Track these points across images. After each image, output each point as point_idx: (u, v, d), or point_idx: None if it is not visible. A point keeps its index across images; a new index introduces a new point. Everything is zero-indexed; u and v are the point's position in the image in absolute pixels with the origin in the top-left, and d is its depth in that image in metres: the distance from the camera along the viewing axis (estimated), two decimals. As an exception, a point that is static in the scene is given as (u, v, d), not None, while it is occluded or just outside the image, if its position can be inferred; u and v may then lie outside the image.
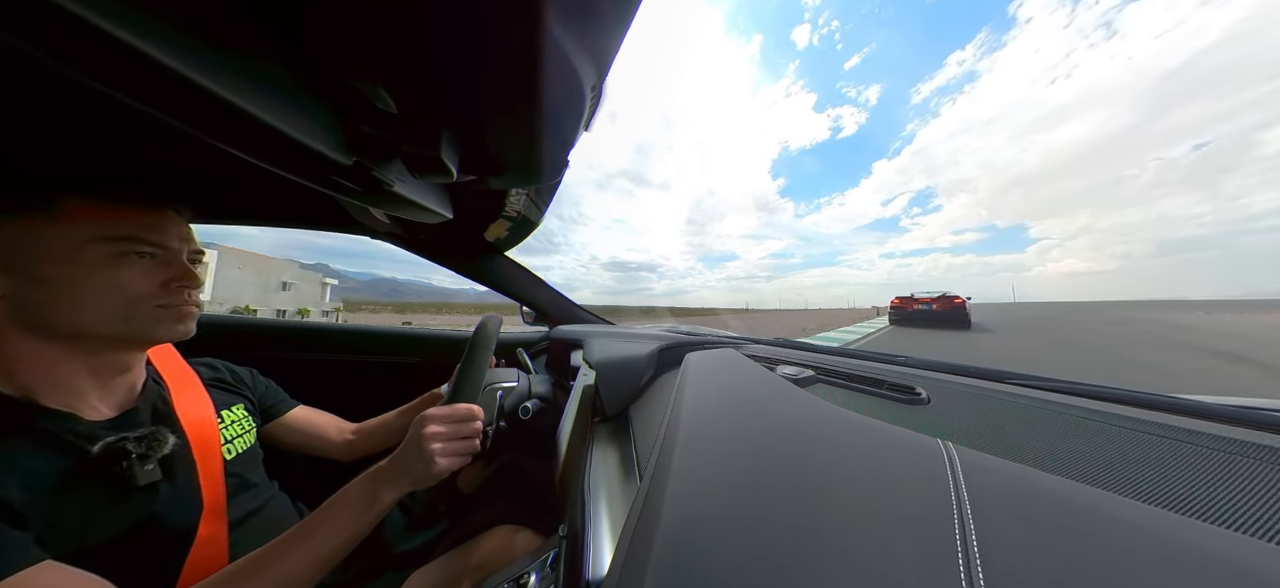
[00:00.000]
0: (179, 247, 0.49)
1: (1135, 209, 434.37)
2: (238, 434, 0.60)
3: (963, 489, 0.22)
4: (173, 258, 0.48)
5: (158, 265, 0.47)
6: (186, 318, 0.50)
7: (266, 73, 0.27)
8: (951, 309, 13.98)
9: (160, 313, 0.47)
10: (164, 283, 0.47)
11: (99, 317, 0.43)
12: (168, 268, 0.48)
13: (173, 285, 0.47)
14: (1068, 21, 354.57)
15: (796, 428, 0.34)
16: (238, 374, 0.67)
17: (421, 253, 1.10)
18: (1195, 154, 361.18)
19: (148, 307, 0.46)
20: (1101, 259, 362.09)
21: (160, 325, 0.47)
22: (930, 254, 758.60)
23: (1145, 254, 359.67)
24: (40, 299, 0.41)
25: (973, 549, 0.18)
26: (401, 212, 0.53)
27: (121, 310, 0.44)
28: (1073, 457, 0.34)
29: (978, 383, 0.56)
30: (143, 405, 0.50)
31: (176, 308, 0.48)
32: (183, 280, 0.48)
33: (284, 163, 0.34)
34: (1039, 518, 0.20)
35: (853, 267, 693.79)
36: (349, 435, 0.77)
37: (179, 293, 0.48)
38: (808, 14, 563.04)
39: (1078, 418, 0.40)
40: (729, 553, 0.21)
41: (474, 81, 0.33)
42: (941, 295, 14.61)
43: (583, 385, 0.71)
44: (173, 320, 0.48)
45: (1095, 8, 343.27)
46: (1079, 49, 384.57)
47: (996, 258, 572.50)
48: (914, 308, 14.73)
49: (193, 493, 0.50)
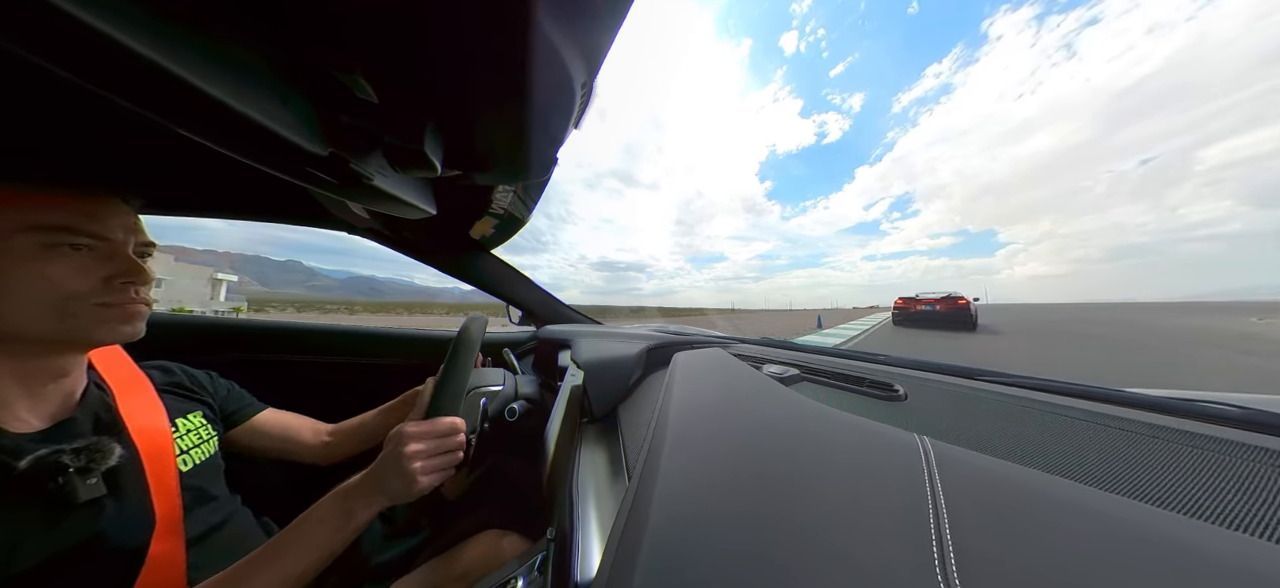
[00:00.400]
0: (123, 238, 0.45)
1: (1090, 217, 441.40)
2: (195, 443, 0.55)
3: (937, 481, 0.23)
4: (116, 250, 0.44)
5: (98, 259, 0.43)
6: (133, 318, 0.45)
7: (233, 55, 0.26)
8: (955, 310, 13.28)
9: (101, 312, 0.43)
10: (105, 278, 0.43)
11: (28, 315, 0.39)
12: (110, 262, 0.43)
13: (116, 281, 0.43)
14: (1033, 41, 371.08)
15: (782, 425, 0.34)
16: (195, 378, 0.63)
17: (403, 250, 1.06)
18: (1142, 168, 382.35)
19: (86, 305, 0.42)
20: (1061, 264, 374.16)
21: (102, 326, 0.43)
22: (908, 257, 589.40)
23: (1098, 259, 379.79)
24: None
25: (946, 537, 0.19)
26: (382, 206, 0.51)
27: (55, 308, 0.40)
28: (1037, 448, 0.36)
29: (952, 380, 0.59)
30: (81, 415, 0.46)
31: (120, 306, 0.44)
32: (127, 276, 0.44)
33: (252, 152, 0.33)
34: (1006, 506, 0.21)
35: (836, 268, 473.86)
36: (325, 438, 0.74)
37: (123, 290, 0.44)
38: (795, 21, 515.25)
39: (1042, 413, 0.43)
40: (717, 550, 0.21)
41: (461, 74, 0.32)
42: (946, 296, 13.70)
43: (571, 386, 0.70)
44: (116, 321, 0.44)
45: (1058, 30, 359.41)
46: (1043, 67, 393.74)
47: (969, 261, 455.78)
48: (917, 309, 14.09)
49: (143, 509, 0.45)
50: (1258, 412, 0.38)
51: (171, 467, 0.50)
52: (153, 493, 0.47)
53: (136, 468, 0.47)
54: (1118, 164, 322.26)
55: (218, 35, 0.24)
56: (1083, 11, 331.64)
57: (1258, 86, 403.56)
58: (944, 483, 0.23)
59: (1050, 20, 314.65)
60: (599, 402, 0.68)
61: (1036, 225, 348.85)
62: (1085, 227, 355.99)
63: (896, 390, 0.53)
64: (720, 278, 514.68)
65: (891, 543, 0.19)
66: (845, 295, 75.68)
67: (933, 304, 13.79)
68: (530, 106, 0.36)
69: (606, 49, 0.33)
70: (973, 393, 0.52)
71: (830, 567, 0.18)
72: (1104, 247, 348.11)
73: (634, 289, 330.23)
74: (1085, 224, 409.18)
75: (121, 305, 0.44)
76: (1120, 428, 0.38)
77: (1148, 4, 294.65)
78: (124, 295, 0.44)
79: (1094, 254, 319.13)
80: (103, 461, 0.43)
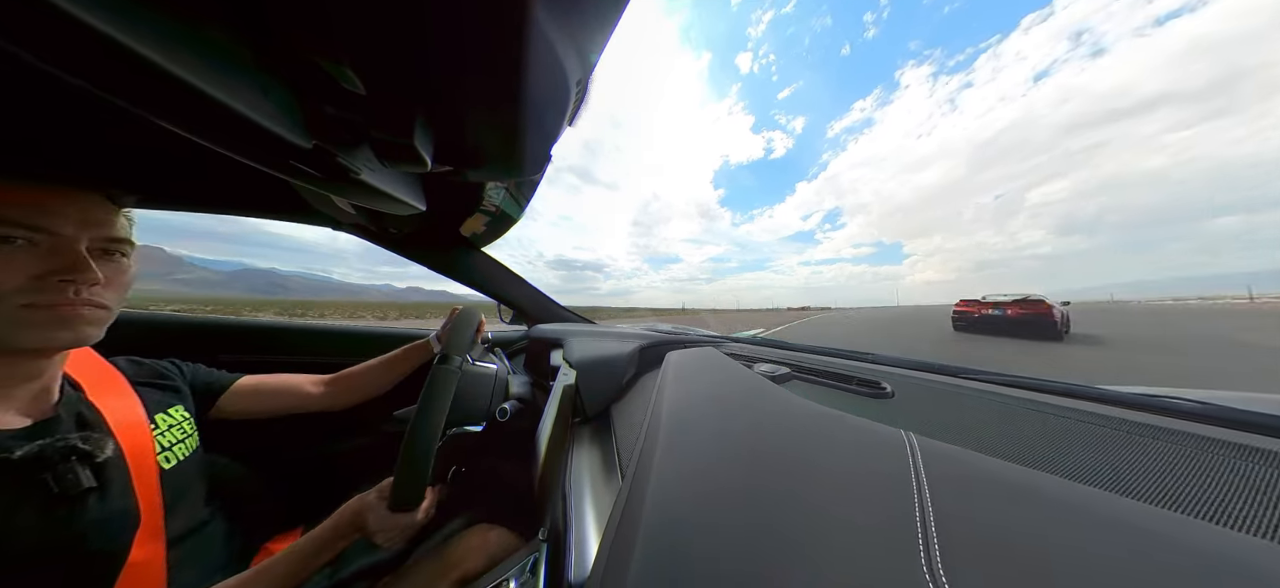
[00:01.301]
0: (73, 233, 0.40)
1: (964, 237, 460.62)
2: (177, 440, 0.53)
3: (922, 475, 0.23)
4: (60, 246, 0.39)
5: (33, 255, 0.38)
6: (72, 322, 0.40)
7: (210, 40, 0.24)
8: (1032, 317, 10.41)
9: (26, 316, 0.38)
10: (35, 276, 0.38)
11: None
12: (48, 258, 0.38)
13: (50, 279, 0.38)
14: (930, 94, 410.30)
15: (774, 423, 0.35)
16: (162, 370, 0.59)
17: (391, 247, 1.04)
18: (995, 202, 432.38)
19: (7, 306, 0.37)
20: (946, 272, 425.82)
21: (26, 330, 0.38)
22: (837, 264, 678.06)
23: (968, 270, 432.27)
24: None
25: (931, 530, 0.20)
26: (369, 202, 0.49)
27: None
28: (1022, 445, 0.37)
29: (938, 378, 0.60)
30: (63, 413, 0.44)
31: (51, 308, 0.39)
32: (63, 271, 0.39)
33: (231, 143, 0.31)
34: (990, 500, 0.22)
35: (778, 272, 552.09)
36: (325, 387, 0.75)
37: (58, 289, 0.39)
38: (751, 44, 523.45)
39: (1026, 410, 0.44)
40: (710, 548, 0.21)
41: (453, 66, 0.31)
42: (1022, 299, 10.83)
43: (563, 385, 0.69)
44: (45, 324, 0.39)
45: (945, 88, 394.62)
46: (935, 115, 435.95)
47: (882, 268, 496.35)
48: (982, 314, 11.48)
49: (126, 508, 0.44)
50: (1235, 409, 0.40)
51: (153, 465, 0.49)
52: (136, 492, 0.45)
53: (121, 466, 0.45)
54: (980, 198, 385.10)
55: (193, 19, 0.23)
56: (962, 76, 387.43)
57: (1057, 150, 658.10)
58: (929, 477, 0.23)
59: (941, 78, 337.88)
60: (592, 401, 0.68)
61: (930, 241, 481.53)
62: (961, 244, 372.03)
63: (884, 389, 0.54)
64: (675, 279, 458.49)
65: (879, 537, 0.20)
66: (784, 297, 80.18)
67: (1002, 308, 11.05)
68: (524, 102, 0.36)
69: (603, 45, 0.33)
70: (958, 391, 0.53)
71: (820, 561, 0.19)
72: (972, 260, 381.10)
73: (591, 288, 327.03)
74: (961, 242, 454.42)
75: (52, 306, 0.39)
76: (1104, 425, 0.39)
77: (1002, 79, 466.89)
78: (57, 295, 0.39)
79: (966, 266, 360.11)
80: (98, 452, 0.41)
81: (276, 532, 0.66)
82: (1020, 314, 10.88)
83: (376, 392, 0.80)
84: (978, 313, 11.70)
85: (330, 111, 0.33)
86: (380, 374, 0.80)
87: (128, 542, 0.43)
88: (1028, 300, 10.95)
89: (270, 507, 0.73)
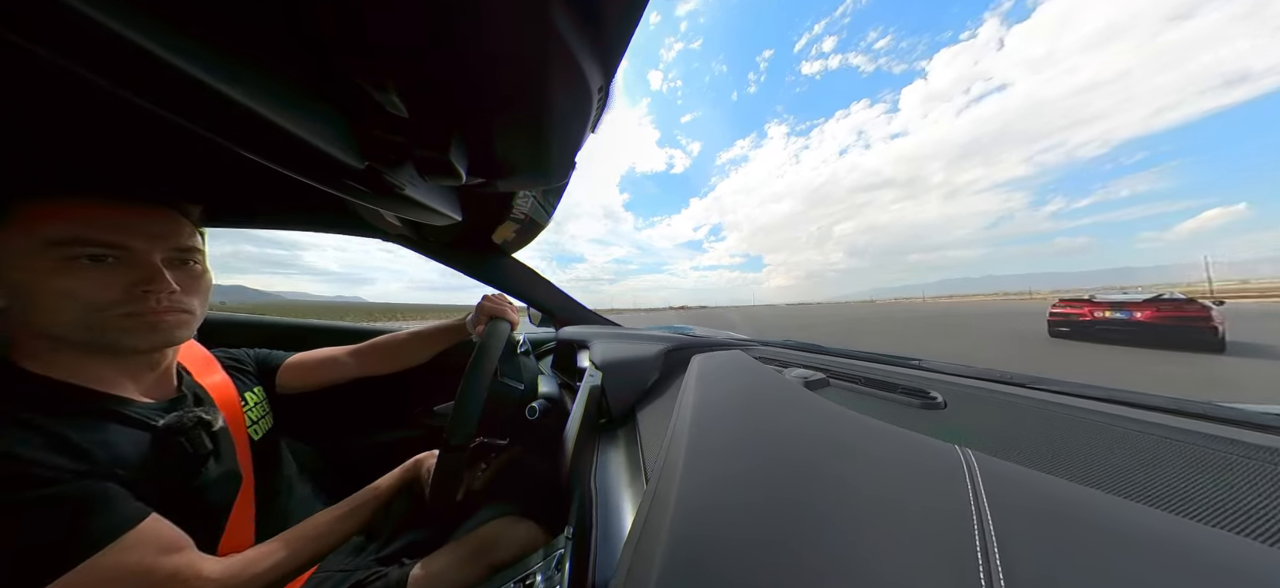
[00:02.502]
0: (146, 246, 0.44)
1: (800, 253, 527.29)
2: (259, 417, 0.63)
3: (982, 497, 0.21)
4: (138, 259, 0.44)
5: (119, 270, 0.43)
6: (161, 327, 0.45)
7: (281, 77, 0.28)
8: (1177, 324, 7.33)
9: (127, 323, 0.43)
10: (126, 288, 0.43)
11: (63, 324, 0.41)
12: (132, 270, 0.43)
13: (136, 290, 0.43)
14: (785, 147, 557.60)
15: (807, 432, 0.33)
16: (240, 357, 0.71)
17: (431, 254, 1.12)
18: (817, 230, 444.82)
19: (111, 315, 0.42)
20: (790, 279, 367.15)
21: (128, 335, 0.44)
22: (718, 270, 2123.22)
23: (803, 277, 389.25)
24: (23, 308, 0.41)
25: (994, 559, 0.17)
26: (412, 214, 0.54)
27: (82, 319, 0.41)
28: (1109, 468, 0.32)
29: (997, 387, 0.54)
30: (185, 392, 0.53)
31: (144, 316, 0.44)
32: (147, 283, 0.44)
33: (300, 167, 0.35)
34: (1066, 529, 0.19)
35: (673, 275, 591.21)
36: (358, 356, 0.83)
37: (144, 298, 0.43)
38: (662, 65, 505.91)
39: (1112, 427, 0.38)
40: (738, 562, 0.20)
41: (482, 84, 0.33)
42: (1156, 298, 7.62)
43: (589, 387, 0.71)
44: (143, 329, 0.44)
45: (794, 145, 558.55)
46: (787, 163, 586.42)
47: (749, 275, 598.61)
48: (1097, 317, 8.03)
49: (233, 470, 0.53)
50: None
51: (246, 437, 0.57)
52: (238, 457, 0.54)
53: (227, 436, 0.53)
54: (810, 227, 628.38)
55: (269, 63, 0.27)
56: (803, 140, 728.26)
57: (848, 202, 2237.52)
58: (990, 499, 0.21)
59: (792, 138, 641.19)
60: (617, 403, 0.68)
61: (780, 255, 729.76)
62: (798, 258, 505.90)
63: (934, 397, 0.49)
64: (580, 278, 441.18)
65: (930, 564, 0.18)
66: (678, 298, 78.23)
67: (1128, 310, 7.61)
68: (549, 113, 0.37)
69: (623, 51, 0.33)
70: (1024, 402, 0.47)
71: (861, 585, 0.17)
72: (805, 272, 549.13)
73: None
74: (798, 257, 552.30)
75: (144, 315, 0.44)
76: (1224, 449, 0.33)
77: (823, 148, 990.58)
78: (145, 304, 0.44)
79: (801, 275, 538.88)
80: (213, 423, 0.49)
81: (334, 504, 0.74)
82: (1160, 320, 7.39)
83: (410, 363, 0.87)
84: (1089, 316, 8.10)
85: (379, 134, 0.37)
86: (414, 347, 0.86)
87: (232, 499, 0.51)
88: (1167, 301, 7.46)
89: (329, 484, 0.82)
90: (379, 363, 0.84)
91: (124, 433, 0.43)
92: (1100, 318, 8.14)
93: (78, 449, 0.38)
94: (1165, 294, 7.87)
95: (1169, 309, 7.49)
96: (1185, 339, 7.47)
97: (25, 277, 0.40)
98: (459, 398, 0.53)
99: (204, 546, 0.46)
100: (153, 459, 0.44)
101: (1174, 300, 7.64)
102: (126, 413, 0.45)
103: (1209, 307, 7.35)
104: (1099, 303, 8.31)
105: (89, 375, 0.44)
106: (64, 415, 0.40)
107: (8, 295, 0.41)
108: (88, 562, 0.35)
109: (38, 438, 0.37)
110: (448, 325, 0.88)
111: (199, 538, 0.45)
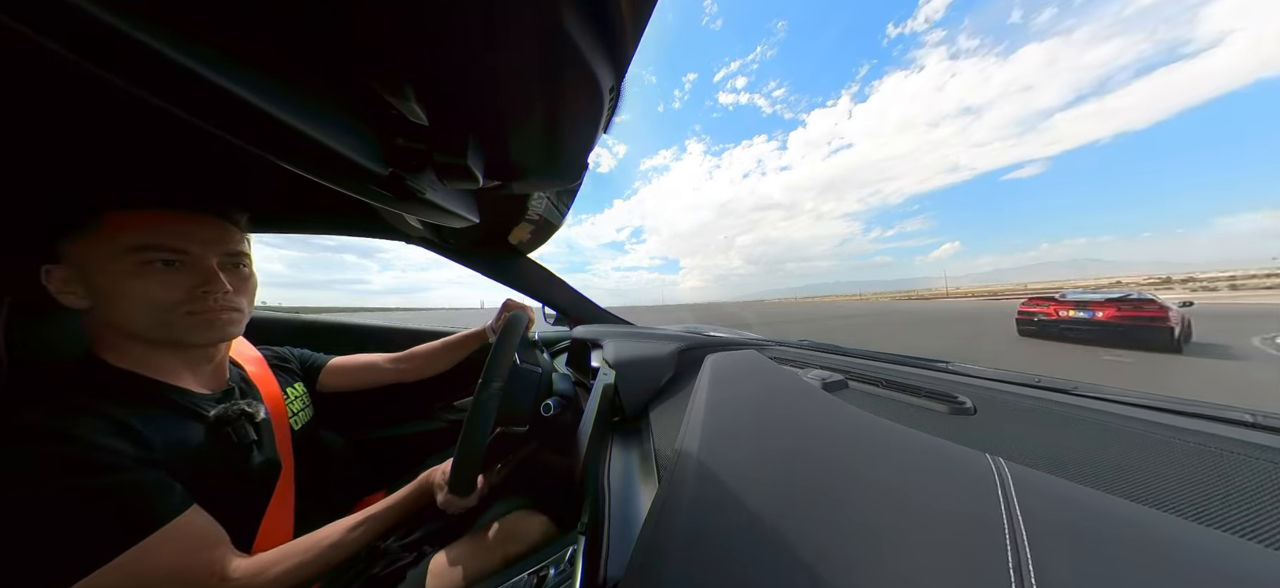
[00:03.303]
0: (201, 251, 0.49)
1: (709, 259, 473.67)
2: (299, 409, 0.67)
3: (1015, 508, 0.20)
4: (197, 262, 0.48)
5: (183, 272, 0.48)
6: (216, 324, 0.51)
7: (314, 93, 0.30)
8: (1134, 324, 7.42)
9: (190, 321, 0.48)
10: (189, 289, 0.48)
11: (139, 323, 0.46)
12: (193, 273, 0.48)
13: (197, 291, 0.48)
14: (701, 162, 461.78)
15: (824, 435, 0.32)
16: (284, 355, 0.76)
17: (451, 255, 1.16)
18: (724, 239, 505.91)
19: (178, 314, 0.47)
20: (701, 282, 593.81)
21: (191, 331, 0.49)
22: (638, 271, 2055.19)
23: (712, 281, 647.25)
24: (104, 307, 0.45)
25: (1028, 573, 0.16)
26: (432, 217, 0.56)
27: (155, 318, 0.46)
28: (1153, 479, 0.29)
29: (1031, 392, 0.51)
30: (234, 385, 0.58)
31: (202, 314, 0.49)
32: (206, 285, 0.49)
33: (331, 175, 0.38)
34: (1107, 545, 0.17)
35: (596, 275, 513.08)
36: (399, 365, 0.90)
37: (202, 298, 0.49)
38: None
39: (1154, 435, 0.35)
40: (750, 566, 0.20)
41: (497, 89, 0.34)
42: (1120, 298, 7.70)
43: (602, 385, 0.71)
44: (203, 326, 0.49)
45: (710, 161, 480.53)
46: (703, 179, 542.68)
47: (667, 276, 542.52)
48: (1059, 316, 8.27)
49: (274, 459, 0.57)
50: None
51: (287, 428, 0.62)
52: (279, 447, 0.58)
53: (269, 427, 0.58)
54: (719, 236, 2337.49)
55: (304, 82, 0.29)
56: (715, 159, 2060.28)
57: (748, 217, 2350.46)
58: (1025, 512, 0.19)
59: (707, 156, 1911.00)
60: (630, 401, 0.69)
61: (694, 259, 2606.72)
62: (708, 263, 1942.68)
63: (963, 402, 0.46)
64: None
65: (958, 577, 0.17)
66: (600, 298, 78.99)
67: (1091, 310, 7.80)
68: (562, 115, 0.38)
69: (633, 51, 0.33)
70: (1062, 409, 0.44)
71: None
72: (713, 275, 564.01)
73: (360, 284, 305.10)
74: (708, 262, 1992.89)
75: (203, 313, 0.49)
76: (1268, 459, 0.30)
77: (732, 169, 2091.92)
78: (205, 304, 0.49)
79: (710, 278, 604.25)
80: (257, 415, 0.54)
81: (365, 492, 0.79)
82: (1118, 320, 7.48)
83: (437, 370, 0.94)
84: (1053, 315, 8.31)
85: (401, 142, 0.39)
86: (441, 356, 0.94)
87: (273, 485, 0.55)
88: (1127, 301, 7.50)
89: (361, 473, 0.88)
90: (413, 371, 0.91)
91: (180, 422, 0.48)
92: (1059, 320, 8.45)
93: (140, 437, 0.42)
94: (1126, 294, 7.97)
95: (1125, 310, 7.68)
96: (1137, 340, 7.67)
97: (107, 280, 0.44)
98: (458, 454, 0.54)
99: (246, 525, 0.50)
100: (204, 447, 0.48)
101: (1130, 299, 7.72)
102: (183, 403, 0.49)
103: (1167, 307, 7.39)
104: (1064, 301, 8.42)
105: (155, 367, 0.49)
106: (131, 404, 0.45)
107: (91, 297, 0.45)
108: (134, 548, 0.37)
109: (108, 426, 0.41)
110: (470, 333, 0.96)
111: (241, 519, 0.48)
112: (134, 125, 0.43)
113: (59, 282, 0.44)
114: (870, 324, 17.94)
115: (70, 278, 0.44)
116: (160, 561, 0.38)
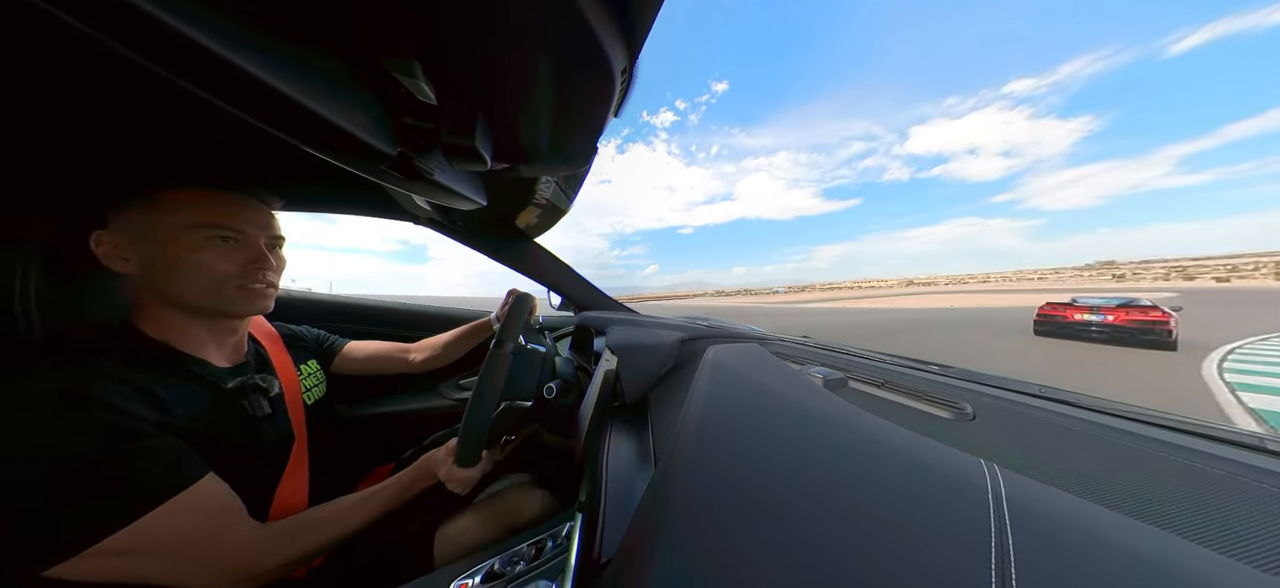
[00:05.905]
0: (255, 232, 0.54)
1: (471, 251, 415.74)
2: (314, 384, 0.70)
3: (1005, 519, 0.20)
4: (250, 242, 0.53)
5: (238, 249, 0.52)
6: (260, 297, 0.55)
7: (324, 69, 0.30)
8: (1139, 326, 8.68)
9: (239, 293, 0.53)
10: (243, 265, 0.52)
11: (194, 291, 0.50)
12: (246, 251, 0.53)
13: (250, 267, 0.53)
14: None
15: (821, 430, 0.32)
16: (299, 333, 0.78)
17: (459, 238, 1.17)
18: None
19: (230, 286, 0.52)
20: (465, 276, 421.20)
21: (240, 303, 0.53)
22: (365, 254, 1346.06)
23: (474, 276, 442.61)
24: (157, 275, 0.48)
25: (1010, 577, 0.17)
26: (440, 198, 0.56)
27: (210, 287, 0.50)
28: (1159, 499, 0.29)
29: (1037, 402, 0.50)
30: (251, 358, 0.60)
31: (250, 287, 0.53)
32: (257, 262, 0.53)
33: (342, 155, 0.38)
34: (1095, 561, 0.18)
35: None
36: (410, 355, 0.93)
37: (254, 274, 0.53)
38: None
39: (1153, 452, 0.35)
40: (736, 550, 0.21)
41: (506, 67, 0.34)
42: (1126, 304, 9.03)
43: (604, 370, 0.72)
44: (249, 299, 0.54)
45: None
46: None
47: (412, 267, 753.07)
48: (1072, 319, 9.63)
49: (288, 431, 0.59)
50: None
51: (300, 402, 0.64)
52: (292, 420, 0.60)
53: (283, 400, 0.61)
54: None
55: (311, 58, 0.29)
56: None
57: None
58: (1014, 523, 0.19)
59: None
60: (631, 388, 0.70)
61: (447, 248, 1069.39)
62: (466, 253, 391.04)
63: (963, 408, 0.46)
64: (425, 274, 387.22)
65: (941, 579, 0.17)
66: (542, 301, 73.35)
67: (1102, 313, 9.25)
68: (571, 97, 0.37)
69: (646, 33, 0.32)
70: (1063, 420, 0.43)
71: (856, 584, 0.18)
72: (475, 271, 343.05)
73: (386, 282, 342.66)
74: (466, 252, 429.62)
75: (250, 287, 0.54)
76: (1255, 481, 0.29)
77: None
78: (255, 278, 0.53)
79: (472, 273, 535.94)
80: (270, 389, 0.57)
81: (375, 465, 0.83)
82: (1126, 323, 8.89)
83: (447, 361, 0.97)
84: (1068, 318, 9.70)
85: (410, 121, 0.39)
86: (451, 347, 0.97)
87: (287, 456, 0.57)
88: (1134, 306, 8.78)
89: (372, 446, 0.92)
90: (425, 362, 0.94)
91: (199, 392, 0.50)
92: (1072, 321, 9.82)
93: (163, 404, 0.44)
94: (1132, 300, 9.37)
95: (1132, 314, 9.04)
96: (1137, 341, 8.94)
97: (171, 250, 0.47)
98: (464, 425, 0.56)
99: (262, 495, 0.52)
100: (221, 417, 0.51)
101: (1136, 305, 9.06)
102: (204, 374, 0.51)
103: (1169, 312, 8.80)
104: (1076, 305, 9.85)
105: (182, 338, 0.51)
106: (156, 372, 0.47)
107: (142, 265, 0.48)
108: (152, 513, 0.38)
109: (132, 391, 0.43)
110: (478, 324, 0.99)
111: (256, 488, 0.51)
112: (183, 111, 0.45)
113: (109, 245, 0.47)
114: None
115: (121, 243, 0.47)
116: (177, 526, 0.39)
